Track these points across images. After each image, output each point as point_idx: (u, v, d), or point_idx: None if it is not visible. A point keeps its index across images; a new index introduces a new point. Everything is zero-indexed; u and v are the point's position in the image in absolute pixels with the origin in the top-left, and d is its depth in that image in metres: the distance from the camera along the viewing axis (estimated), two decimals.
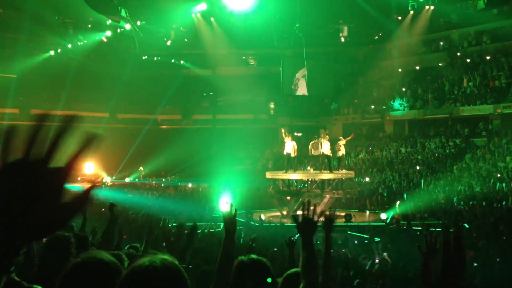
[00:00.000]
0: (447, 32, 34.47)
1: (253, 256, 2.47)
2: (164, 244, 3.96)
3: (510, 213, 17.31)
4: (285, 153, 20.45)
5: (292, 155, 20.25)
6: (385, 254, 10.72)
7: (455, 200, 21.25)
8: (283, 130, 21.29)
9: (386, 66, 34.50)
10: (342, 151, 21.23)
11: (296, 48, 31.55)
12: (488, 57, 31.73)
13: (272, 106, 38.66)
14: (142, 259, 1.44)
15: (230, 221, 3.15)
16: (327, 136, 20.99)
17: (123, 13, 22.69)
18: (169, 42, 33.26)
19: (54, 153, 1.07)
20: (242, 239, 12.24)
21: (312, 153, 21.07)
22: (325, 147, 20.38)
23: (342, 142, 21.16)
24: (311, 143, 21.07)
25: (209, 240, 11.13)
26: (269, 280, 2.82)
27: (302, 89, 35.67)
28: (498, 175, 23.78)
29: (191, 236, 4.34)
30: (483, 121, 29.34)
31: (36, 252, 2.94)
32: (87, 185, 0.99)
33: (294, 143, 20.19)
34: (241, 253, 2.75)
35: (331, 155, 20.69)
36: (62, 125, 1.04)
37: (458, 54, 33.81)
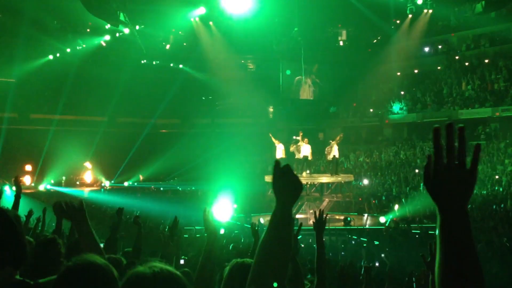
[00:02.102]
0: (446, 35, 34.56)
1: (248, 260, 2.41)
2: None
3: (509, 216, 17.30)
4: (302, 156, 20.66)
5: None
6: (382, 255, 10.73)
7: None
8: (271, 135, 21.46)
9: (384, 70, 34.57)
10: (333, 153, 21.32)
11: (295, 52, 31.57)
12: (486, 61, 31.81)
13: (271, 109, 38.67)
14: (141, 267, 1.45)
15: (209, 224, 3.12)
16: (306, 139, 21.13)
17: (121, 17, 22.66)
18: (168, 46, 33.30)
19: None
20: (241, 244, 12.22)
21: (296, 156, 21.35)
22: (336, 151, 20.80)
23: (333, 143, 21.25)
24: (326, 148, 21.40)
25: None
26: (275, 284, 2.79)
27: (303, 93, 35.83)
28: (497, 177, 23.80)
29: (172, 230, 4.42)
30: (482, 124, 29.37)
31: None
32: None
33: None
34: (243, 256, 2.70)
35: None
36: None
37: (457, 57, 33.89)
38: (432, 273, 2.73)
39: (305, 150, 20.47)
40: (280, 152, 21.00)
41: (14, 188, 4.25)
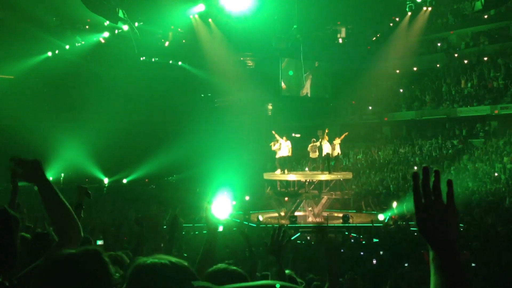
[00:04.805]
0: (445, 33, 34.55)
1: (222, 266, 2.21)
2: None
3: (508, 214, 17.34)
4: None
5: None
6: (381, 252, 10.77)
7: None
8: (273, 132, 21.42)
9: (383, 67, 34.56)
10: (337, 151, 21.36)
11: (294, 50, 31.55)
12: (485, 58, 31.82)
13: (270, 107, 38.64)
14: (147, 258, 1.46)
15: (209, 222, 3.08)
16: (327, 137, 21.17)
17: (120, 14, 22.57)
18: (167, 43, 33.22)
19: None
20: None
21: (310, 155, 21.44)
22: (338, 148, 21.07)
23: (337, 141, 21.28)
24: (309, 145, 21.46)
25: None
26: (278, 286, 2.73)
27: (305, 90, 35.95)
28: (496, 174, 23.84)
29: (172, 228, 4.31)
30: (481, 122, 29.39)
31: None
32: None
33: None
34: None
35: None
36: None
37: (456, 55, 33.89)
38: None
39: (326, 148, 20.70)
40: (285, 149, 20.90)
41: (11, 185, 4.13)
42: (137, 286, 1.46)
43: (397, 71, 35.61)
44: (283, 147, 20.84)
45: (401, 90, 34.99)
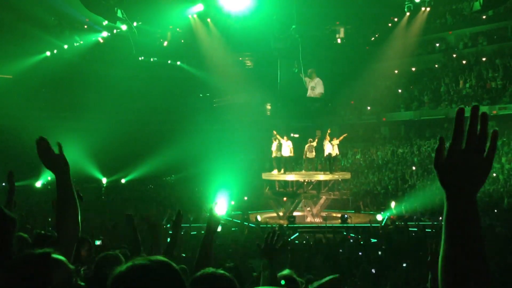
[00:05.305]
0: (443, 33, 34.59)
1: (209, 270, 2.06)
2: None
3: (506, 215, 17.35)
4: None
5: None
6: (379, 253, 10.77)
7: None
8: (275, 132, 21.42)
9: (382, 68, 34.55)
10: (335, 151, 21.39)
11: (293, 49, 31.53)
12: (483, 59, 31.86)
13: (268, 107, 38.62)
14: (123, 265, 1.43)
15: (213, 219, 3.06)
16: (328, 137, 21.21)
17: (119, 14, 22.59)
18: (165, 43, 33.22)
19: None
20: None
21: (307, 155, 21.46)
22: (337, 149, 21.12)
23: (335, 142, 21.31)
24: (306, 145, 21.49)
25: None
26: (283, 282, 2.71)
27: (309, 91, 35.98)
28: (494, 175, 23.84)
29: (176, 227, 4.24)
30: None
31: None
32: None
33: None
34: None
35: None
36: None
37: (454, 55, 33.92)
38: (432, 272, 2.72)
39: (328, 148, 20.78)
40: (287, 149, 20.91)
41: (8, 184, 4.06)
42: None
43: (396, 71, 35.62)
44: (283, 147, 20.86)
45: (400, 90, 35.00)
